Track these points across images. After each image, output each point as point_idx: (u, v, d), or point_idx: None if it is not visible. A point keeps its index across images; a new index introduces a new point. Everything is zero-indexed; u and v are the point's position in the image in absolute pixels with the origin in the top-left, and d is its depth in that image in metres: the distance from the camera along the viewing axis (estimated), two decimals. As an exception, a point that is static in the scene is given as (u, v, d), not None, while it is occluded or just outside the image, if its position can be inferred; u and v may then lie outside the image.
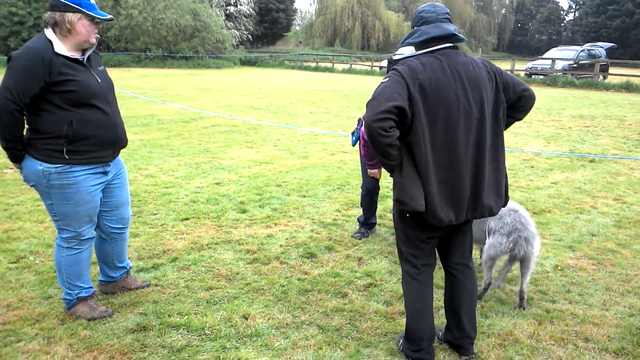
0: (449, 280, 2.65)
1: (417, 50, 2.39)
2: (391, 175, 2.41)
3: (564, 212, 5.09)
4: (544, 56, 25.46)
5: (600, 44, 28.23)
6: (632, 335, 2.86)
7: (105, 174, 2.86)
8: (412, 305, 2.55)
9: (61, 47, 2.59)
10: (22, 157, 2.68)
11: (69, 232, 2.80)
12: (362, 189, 4.34)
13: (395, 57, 2.90)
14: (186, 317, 2.96)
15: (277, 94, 16.26)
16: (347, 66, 30.88)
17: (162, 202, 5.14)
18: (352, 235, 4.36)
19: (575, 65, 22.53)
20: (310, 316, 3.03)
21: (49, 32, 2.60)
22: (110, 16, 2.75)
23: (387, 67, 3.11)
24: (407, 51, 3.24)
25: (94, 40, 2.71)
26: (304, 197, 5.44)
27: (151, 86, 17.86)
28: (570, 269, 3.76)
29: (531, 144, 8.67)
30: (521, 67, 24.86)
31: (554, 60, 22.19)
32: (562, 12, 71.97)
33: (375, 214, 4.43)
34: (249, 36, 43.90)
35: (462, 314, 2.60)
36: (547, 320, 3.02)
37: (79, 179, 2.70)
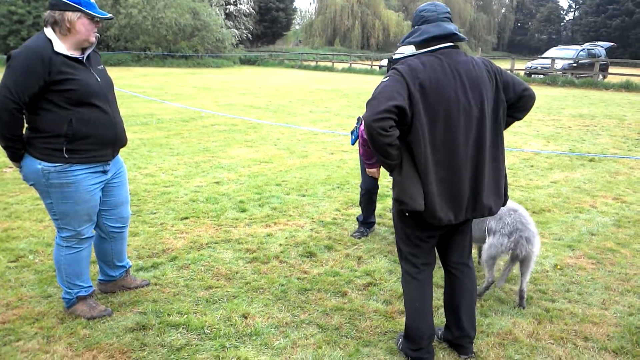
0: (449, 279, 2.65)
1: (418, 49, 2.39)
2: (391, 174, 2.41)
3: (563, 211, 5.09)
4: (544, 55, 25.47)
5: (600, 43, 28.22)
6: (631, 334, 2.87)
7: (104, 173, 2.86)
8: (412, 304, 2.55)
9: (61, 46, 2.59)
10: (22, 156, 2.68)
11: (68, 231, 2.80)
12: (361, 188, 4.35)
13: (395, 56, 2.90)
14: (185, 316, 2.96)
15: (277, 93, 16.25)
16: (346, 65, 30.87)
17: (162, 201, 5.14)
18: (351, 234, 4.36)
19: (575, 64, 22.52)
20: (309, 315, 3.03)
21: (49, 31, 2.59)
22: (109, 15, 2.74)
23: (387, 66, 3.11)
24: (407, 50, 3.24)
25: (94, 39, 2.71)
26: (304, 196, 5.44)
27: (151, 85, 17.86)
28: (569, 268, 3.76)
29: (531, 143, 8.67)
30: (521, 66, 24.85)
31: (553, 59, 22.20)
32: (562, 12, 72.01)
33: (374, 213, 4.43)
34: (249, 35, 43.87)
35: (462, 313, 2.60)
36: (547, 319, 3.03)
37: (78, 178, 2.70)
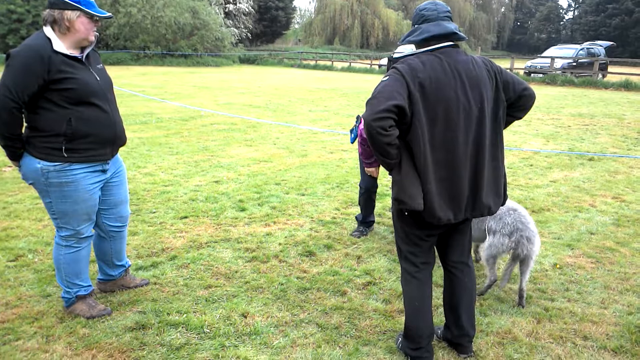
0: (448, 278, 2.65)
1: (418, 48, 2.38)
2: (390, 173, 2.41)
3: (562, 210, 5.10)
4: (544, 54, 25.48)
5: (599, 42, 28.23)
6: (630, 333, 2.87)
7: (104, 172, 2.85)
8: (411, 303, 2.55)
9: (60, 44, 2.58)
10: (21, 155, 2.68)
11: (67, 230, 2.80)
12: (361, 187, 4.34)
13: (395, 55, 2.90)
14: (185, 315, 2.96)
15: (276, 92, 16.25)
16: (346, 64, 30.86)
17: (161, 200, 5.14)
18: (351, 233, 4.36)
19: (574, 63, 22.51)
20: (309, 314, 3.03)
21: (48, 30, 2.59)
22: (109, 14, 2.74)
23: (387, 65, 3.11)
24: (407, 49, 3.24)
25: (93, 38, 2.71)
26: (303, 195, 5.44)
27: (150, 84, 17.84)
28: (569, 268, 3.76)
29: (530, 142, 8.67)
30: (520, 65, 24.83)
31: (553, 58, 22.18)
32: (561, 11, 72.01)
33: (373, 212, 4.43)
34: (248, 34, 43.86)
35: (461, 312, 2.60)
36: (546, 318, 3.03)
37: (77, 177, 2.70)
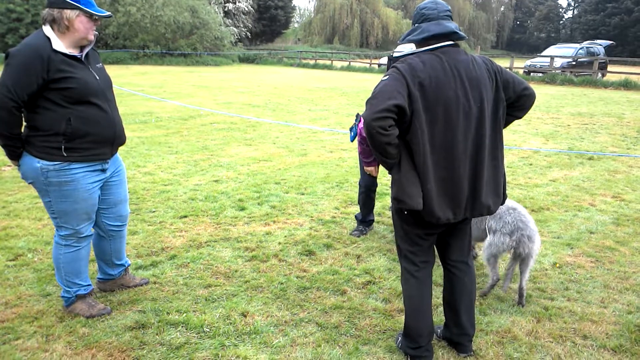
0: (448, 277, 2.65)
1: (418, 47, 2.38)
2: (389, 173, 2.40)
3: (562, 209, 5.10)
4: (543, 54, 25.48)
5: (599, 41, 28.22)
6: (630, 332, 2.87)
7: (103, 171, 2.85)
8: (411, 302, 2.55)
9: (59, 44, 2.58)
10: (20, 155, 2.67)
11: (67, 230, 2.80)
12: (360, 185, 4.34)
13: (395, 54, 2.90)
14: (185, 314, 2.96)
15: (276, 92, 16.24)
16: (345, 64, 30.82)
17: (161, 199, 5.14)
18: (350, 232, 4.36)
19: (574, 63, 22.51)
20: (308, 314, 3.03)
21: (47, 29, 2.59)
22: (108, 13, 2.74)
23: (387, 64, 3.11)
24: (406, 48, 3.24)
25: (92, 37, 2.70)
26: (303, 194, 5.44)
27: (149, 83, 17.83)
28: (568, 267, 3.76)
29: (530, 141, 8.67)
30: (520, 64, 24.82)
31: (552, 57, 22.18)
32: (561, 10, 72.03)
33: (372, 211, 4.43)
34: (248, 33, 43.82)
35: (461, 311, 2.60)
36: (546, 317, 3.03)
37: (77, 177, 2.70)
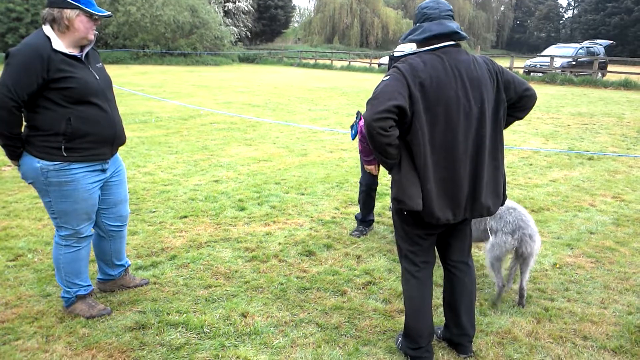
0: (448, 277, 2.65)
1: (419, 47, 2.37)
2: (390, 173, 2.40)
3: (562, 210, 5.10)
4: (543, 53, 25.47)
5: (599, 41, 28.22)
6: (630, 333, 2.87)
7: (103, 171, 2.85)
8: (411, 303, 2.54)
9: (59, 43, 2.58)
10: (20, 155, 2.67)
11: (67, 230, 2.79)
12: (361, 184, 4.33)
13: (395, 54, 2.90)
14: (185, 315, 2.96)
15: (276, 91, 16.23)
16: (345, 63, 30.81)
17: (161, 199, 5.13)
18: (350, 233, 4.36)
19: (574, 62, 22.51)
20: (309, 314, 3.03)
21: (47, 29, 2.58)
22: (108, 13, 2.74)
23: (388, 64, 3.10)
24: (407, 47, 3.24)
25: (92, 36, 2.70)
26: (303, 194, 5.44)
27: (149, 83, 17.83)
28: (568, 267, 3.76)
29: (530, 141, 8.67)
30: (520, 64, 24.82)
31: (552, 57, 22.18)
32: (561, 10, 72.04)
33: (372, 211, 4.43)
34: (248, 33, 43.82)
35: (461, 311, 2.60)
36: (546, 318, 3.03)
37: (77, 177, 2.69)
